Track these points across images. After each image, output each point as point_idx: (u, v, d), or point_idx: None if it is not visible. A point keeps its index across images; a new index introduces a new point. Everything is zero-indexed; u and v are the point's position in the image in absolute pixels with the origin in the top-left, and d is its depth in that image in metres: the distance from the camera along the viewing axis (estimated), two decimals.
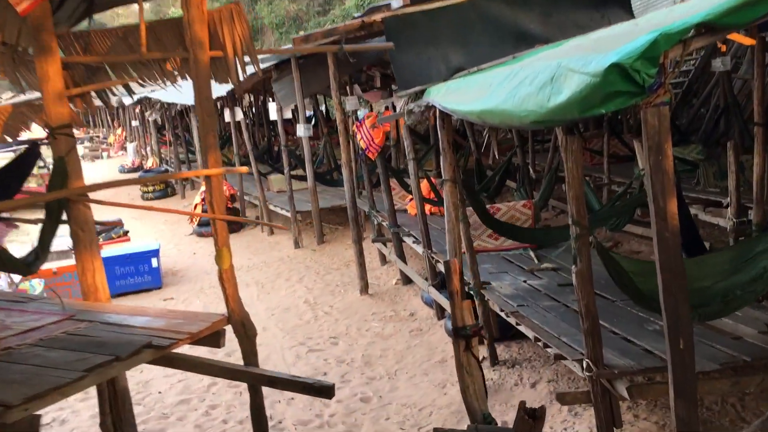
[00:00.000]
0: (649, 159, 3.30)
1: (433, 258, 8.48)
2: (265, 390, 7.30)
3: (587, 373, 4.89)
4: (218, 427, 6.52)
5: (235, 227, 16.38)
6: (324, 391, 3.50)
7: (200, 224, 16.27)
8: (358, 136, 10.28)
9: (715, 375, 4.89)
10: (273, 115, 14.09)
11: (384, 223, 10.84)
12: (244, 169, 4.39)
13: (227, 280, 3.93)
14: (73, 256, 12.32)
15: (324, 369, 7.73)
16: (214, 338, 3.91)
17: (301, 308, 10.09)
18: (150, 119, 24.08)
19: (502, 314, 6.54)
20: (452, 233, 6.56)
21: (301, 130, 12.82)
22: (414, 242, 9.49)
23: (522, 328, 6.10)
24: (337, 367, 7.75)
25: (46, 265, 11.63)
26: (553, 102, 3.43)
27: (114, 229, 13.67)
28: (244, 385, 7.52)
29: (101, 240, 13.27)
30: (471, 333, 3.39)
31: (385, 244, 11.24)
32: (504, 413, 6.19)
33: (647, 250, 10.25)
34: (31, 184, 22.54)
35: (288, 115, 14.34)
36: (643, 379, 5.15)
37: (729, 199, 7.88)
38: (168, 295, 11.58)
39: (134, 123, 30.32)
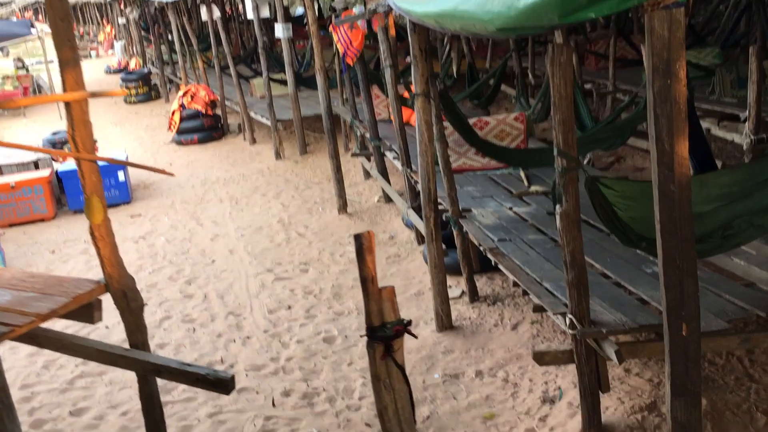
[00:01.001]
0: (653, 83, 2.39)
1: (412, 177, 7.63)
2: (221, 327, 6.68)
3: (570, 331, 4.14)
4: None
5: (216, 135, 15.50)
6: (221, 384, 2.75)
7: (179, 132, 15.36)
8: (335, 38, 9.21)
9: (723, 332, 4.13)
10: (249, 14, 12.87)
11: (366, 135, 9.91)
12: (121, 92, 3.50)
13: (101, 238, 3.08)
14: (35, 169, 11.46)
15: (289, 301, 7.03)
16: (84, 312, 3.12)
17: (274, 228, 9.33)
18: (131, 17, 22.66)
19: (481, 248, 5.75)
20: (425, 156, 5.69)
21: (279, 30, 11.68)
22: (395, 158, 8.61)
23: (501, 268, 5.33)
24: (304, 299, 7.05)
25: (4, 179, 10.86)
26: (524, 1, 2.49)
27: None
28: (199, 320, 6.87)
29: (66, 150, 12.39)
30: (392, 333, 2.58)
31: (368, 159, 10.35)
32: (480, 360, 5.51)
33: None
34: (7, 86, 21.49)
35: (265, 13, 13.11)
36: (636, 336, 4.41)
37: (747, 112, 6.93)
38: (136, 211, 10.82)
39: (121, 20, 28.81)
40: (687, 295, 2.50)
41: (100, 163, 11.44)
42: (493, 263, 5.49)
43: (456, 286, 6.67)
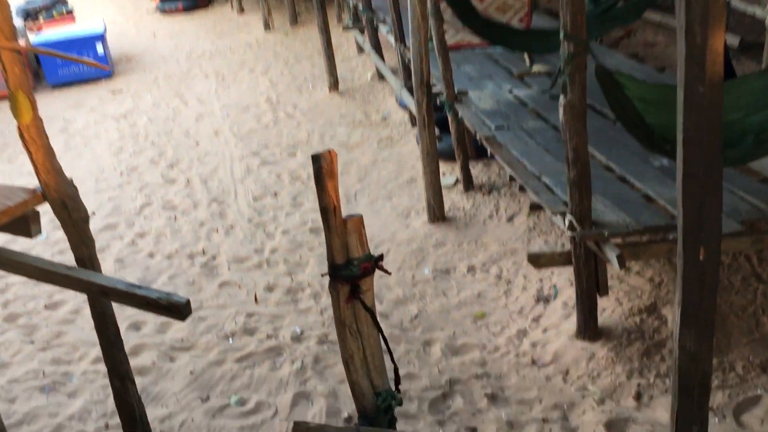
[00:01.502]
0: None
1: (405, 54, 7.09)
2: (204, 215, 6.38)
3: (569, 233, 3.83)
4: (142, 262, 5.62)
5: (202, 2, 14.66)
6: (174, 309, 2.44)
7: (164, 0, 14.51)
8: None
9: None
10: None
11: (359, 6, 9.22)
12: None
13: (32, 141, 2.66)
14: None
15: (275, 187, 6.70)
16: (20, 225, 2.77)
17: (261, 107, 8.86)
18: None
19: (477, 137, 5.35)
20: (417, 34, 5.16)
21: None
22: (388, 32, 8.00)
23: (497, 160, 4.95)
24: (290, 186, 6.72)
25: None
26: None
27: (56, 6, 11.94)
28: (181, 207, 6.57)
29: (42, 20, 11.67)
30: (360, 272, 2.23)
31: (361, 32, 9.71)
32: (472, 254, 5.25)
33: (664, 40, 8.78)
34: None
35: None
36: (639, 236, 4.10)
37: None
38: (117, 86, 10.30)
39: None
40: (708, 214, 2.16)
41: (76, 35, 10.77)
42: (488, 154, 5.11)
43: (450, 173, 6.32)
